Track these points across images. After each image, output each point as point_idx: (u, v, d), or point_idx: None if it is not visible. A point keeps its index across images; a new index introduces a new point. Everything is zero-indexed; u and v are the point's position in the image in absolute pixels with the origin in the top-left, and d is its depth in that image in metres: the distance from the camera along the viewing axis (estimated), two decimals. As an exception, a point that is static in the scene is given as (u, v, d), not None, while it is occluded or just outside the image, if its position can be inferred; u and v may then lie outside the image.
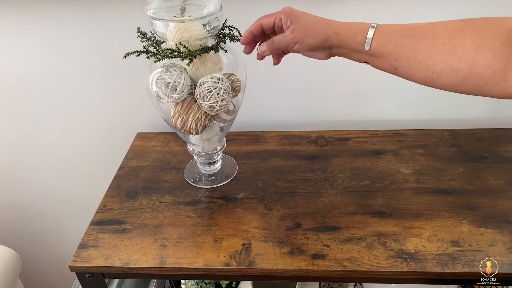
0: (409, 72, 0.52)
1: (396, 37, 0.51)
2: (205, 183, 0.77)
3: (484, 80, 0.47)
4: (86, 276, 0.64)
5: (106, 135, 0.99)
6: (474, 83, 0.48)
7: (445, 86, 0.51)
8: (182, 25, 0.57)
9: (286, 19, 0.56)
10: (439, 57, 0.49)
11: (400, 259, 0.60)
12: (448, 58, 0.48)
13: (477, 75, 0.47)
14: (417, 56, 0.50)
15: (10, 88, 0.92)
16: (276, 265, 0.60)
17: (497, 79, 0.47)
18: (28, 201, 1.13)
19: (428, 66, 0.50)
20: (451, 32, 0.49)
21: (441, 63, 0.49)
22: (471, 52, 0.47)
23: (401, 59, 0.52)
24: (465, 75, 0.48)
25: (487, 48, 0.47)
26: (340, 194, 0.73)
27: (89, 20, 0.82)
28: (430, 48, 0.50)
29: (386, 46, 0.52)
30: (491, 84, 0.47)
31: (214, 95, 0.60)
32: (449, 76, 0.49)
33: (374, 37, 0.52)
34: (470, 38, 0.48)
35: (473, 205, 0.69)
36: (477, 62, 0.47)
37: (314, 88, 0.90)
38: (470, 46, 0.47)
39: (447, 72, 0.49)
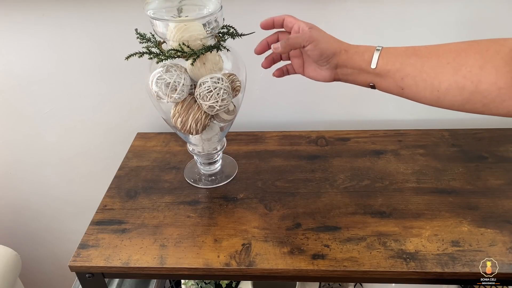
0: (415, 92, 0.53)
1: (401, 57, 0.53)
2: (205, 183, 0.77)
3: (490, 98, 0.48)
4: (86, 276, 0.64)
5: (106, 135, 0.99)
6: (481, 101, 0.49)
7: (452, 105, 0.51)
8: (182, 25, 0.57)
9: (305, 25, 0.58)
10: (444, 75, 0.50)
11: (400, 259, 0.60)
12: (453, 76, 0.49)
13: (483, 92, 0.48)
14: (422, 75, 0.51)
15: (10, 88, 0.92)
16: (276, 265, 0.60)
17: (503, 97, 0.47)
18: (28, 201, 1.13)
19: (434, 85, 0.51)
20: (455, 52, 0.50)
21: (446, 81, 0.50)
22: (475, 70, 0.48)
23: (407, 78, 0.53)
24: (471, 93, 0.49)
25: (490, 66, 0.47)
26: (340, 194, 0.73)
27: (89, 20, 0.82)
28: (435, 67, 0.51)
29: (392, 65, 0.53)
30: (497, 102, 0.48)
31: (214, 95, 0.60)
32: (455, 94, 0.50)
33: (380, 56, 0.54)
34: (473, 57, 0.49)
35: (473, 205, 0.69)
36: (482, 79, 0.48)
37: (314, 88, 0.90)
38: (474, 65, 0.48)
39: (453, 90, 0.50)
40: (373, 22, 0.81)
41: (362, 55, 0.55)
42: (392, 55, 0.54)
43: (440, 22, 0.80)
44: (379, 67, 0.54)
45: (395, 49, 0.54)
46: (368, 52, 0.55)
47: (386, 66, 0.54)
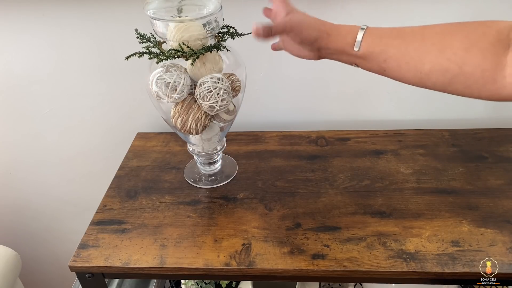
0: (397, 73, 0.53)
1: (385, 39, 0.52)
2: (205, 183, 0.77)
3: (473, 80, 0.48)
4: (86, 276, 0.64)
5: (106, 135, 0.99)
6: (463, 82, 0.48)
7: (434, 86, 0.51)
8: (182, 25, 0.57)
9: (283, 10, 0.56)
10: (428, 57, 0.49)
11: (400, 259, 0.60)
12: (437, 58, 0.49)
13: (466, 74, 0.48)
14: (405, 57, 0.51)
15: (10, 88, 0.92)
16: (276, 265, 0.60)
17: (486, 79, 0.47)
18: (28, 201, 1.13)
19: (417, 67, 0.50)
20: (441, 34, 0.50)
21: (429, 62, 0.49)
22: (460, 52, 0.48)
23: (389, 60, 0.52)
24: (454, 75, 0.48)
25: (476, 48, 0.47)
26: (340, 194, 0.73)
27: (89, 20, 0.82)
28: (419, 49, 0.50)
29: (375, 47, 0.52)
30: (480, 85, 0.48)
31: (214, 95, 0.60)
32: (438, 76, 0.49)
33: (364, 38, 0.53)
34: (459, 39, 0.48)
35: (473, 205, 0.69)
36: (467, 61, 0.47)
37: (314, 88, 0.90)
38: (459, 47, 0.48)
39: (436, 72, 0.49)
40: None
41: (345, 38, 0.54)
42: (376, 36, 0.53)
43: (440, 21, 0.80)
44: (362, 50, 0.53)
45: (379, 30, 0.53)
46: (352, 34, 0.54)
47: (368, 48, 0.53)
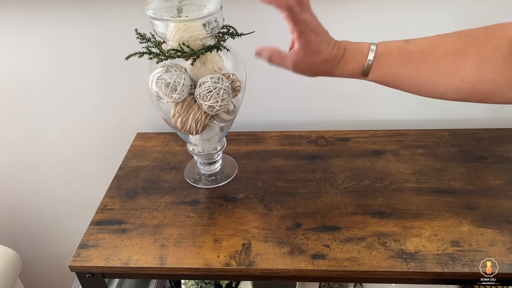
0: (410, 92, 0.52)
1: (395, 67, 0.50)
2: (205, 183, 0.77)
3: (487, 94, 0.47)
4: (86, 276, 0.64)
5: (106, 135, 0.99)
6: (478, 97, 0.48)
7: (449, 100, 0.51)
8: (182, 25, 0.57)
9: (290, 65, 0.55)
10: (440, 80, 0.48)
11: (400, 259, 0.60)
12: (450, 80, 0.48)
13: (481, 90, 0.47)
14: (417, 82, 0.50)
15: (10, 88, 0.92)
16: (276, 265, 0.60)
17: (502, 91, 0.46)
18: (28, 201, 1.13)
19: (429, 90, 0.50)
20: (452, 55, 0.48)
21: (442, 85, 0.49)
22: (473, 72, 0.47)
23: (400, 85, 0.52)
24: (469, 93, 0.48)
25: (489, 64, 0.46)
26: (340, 194, 0.73)
27: (89, 20, 0.82)
28: (430, 74, 0.49)
29: (384, 77, 0.52)
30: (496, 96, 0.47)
31: (214, 95, 0.60)
32: (451, 95, 0.49)
33: (372, 70, 0.51)
34: (471, 58, 0.47)
35: (473, 205, 0.69)
36: (480, 80, 0.46)
37: (314, 88, 0.90)
38: (472, 66, 0.47)
39: (449, 92, 0.49)
40: (373, 22, 0.81)
41: (351, 71, 0.53)
42: (385, 66, 0.51)
43: (441, 22, 0.80)
44: (370, 79, 0.53)
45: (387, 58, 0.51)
46: (358, 66, 0.52)
47: (377, 78, 0.52)
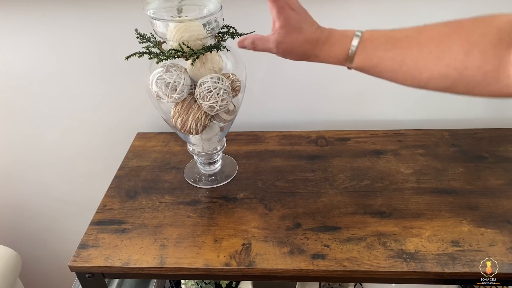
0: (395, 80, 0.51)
1: (380, 51, 0.49)
2: (205, 183, 0.77)
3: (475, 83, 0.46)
4: (86, 276, 0.64)
5: (106, 135, 0.99)
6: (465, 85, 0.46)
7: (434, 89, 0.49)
8: (182, 25, 0.57)
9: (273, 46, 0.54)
10: (425, 65, 0.47)
11: (400, 259, 0.60)
12: (435, 66, 0.47)
13: (467, 78, 0.46)
14: (402, 67, 0.49)
15: (10, 88, 0.92)
16: (276, 265, 0.60)
17: (489, 81, 0.45)
18: (28, 201, 1.13)
19: (414, 76, 0.48)
20: (438, 39, 0.47)
21: (428, 71, 0.47)
22: (460, 57, 0.45)
23: (385, 71, 0.50)
24: (455, 79, 0.46)
25: (477, 50, 0.45)
26: (340, 194, 0.73)
27: (89, 20, 0.82)
28: (416, 58, 0.48)
29: (369, 62, 0.50)
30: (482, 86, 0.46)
31: (214, 95, 0.60)
32: (437, 82, 0.48)
33: (357, 53, 0.50)
34: (458, 43, 0.46)
35: (473, 205, 0.69)
36: (467, 65, 0.45)
37: (314, 88, 0.90)
38: (458, 51, 0.45)
39: (435, 79, 0.47)
40: (373, 22, 0.80)
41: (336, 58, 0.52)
42: (370, 50, 0.50)
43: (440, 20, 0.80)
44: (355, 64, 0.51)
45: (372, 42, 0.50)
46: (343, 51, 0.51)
47: (363, 63, 0.51)
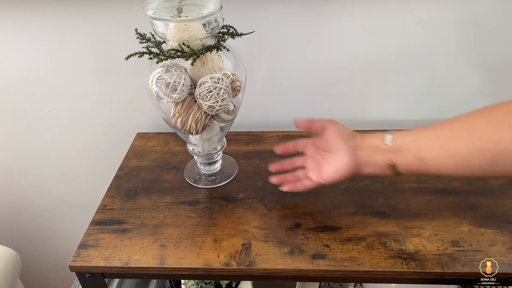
0: (436, 161, 0.53)
1: (413, 131, 0.56)
2: (205, 183, 0.77)
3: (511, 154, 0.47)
4: (86, 276, 0.64)
5: (106, 135, 0.99)
6: (507, 160, 0.47)
7: (480, 170, 0.50)
8: (182, 25, 0.57)
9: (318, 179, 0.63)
10: (460, 139, 0.50)
11: (400, 259, 0.60)
12: (470, 139, 0.49)
13: (506, 151, 0.47)
14: (439, 142, 0.52)
15: (10, 88, 0.92)
16: (276, 265, 0.60)
17: None
18: (28, 201, 1.13)
19: (452, 150, 0.50)
20: (463, 119, 0.51)
21: (464, 145, 0.49)
22: (489, 131, 0.48)
23: (424, 148, 0.53)
24: (494, 153, 0.48)
25: (503, 124, 0.47)
26: (340, 194, 0.73)
27: (89, 20, 0.82)
28: (448, 134, 0.52)
29: (405, 137, 0.56)
30: None
31: (214, 95, 0.60)
32: (477, 157, 0.49)
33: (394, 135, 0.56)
34: (483, 119, 0.49)
35: (473, 205, 0.69)
36: (499, 139, 0.47)
37: (314, 88, 0.90)
38: (486, 127, 0.48)
39: (474, 153, 0.49)
40: (373, 22, 0.81)
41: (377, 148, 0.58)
42: (403, 132, 0.56)
43: (440, 22, 0.80)
44: (394, 142, 0.56)
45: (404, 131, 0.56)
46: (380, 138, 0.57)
47: (400, 138, 0.55)
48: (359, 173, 0.59)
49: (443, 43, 0.82)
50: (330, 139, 0.61)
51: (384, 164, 0.57)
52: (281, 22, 0.81)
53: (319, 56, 0.85)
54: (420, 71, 0.86)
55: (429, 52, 0.83)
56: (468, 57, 0.84)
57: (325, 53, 0.85)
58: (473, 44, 0.82)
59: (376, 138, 0.58)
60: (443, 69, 0.85)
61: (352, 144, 0.59)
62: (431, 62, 0.85)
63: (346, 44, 0.83)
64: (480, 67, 0.85)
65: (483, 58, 0.84)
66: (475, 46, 0.83)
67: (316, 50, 0.84)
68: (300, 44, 0.83)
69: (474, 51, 0.83)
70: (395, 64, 0.85)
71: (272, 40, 0.83)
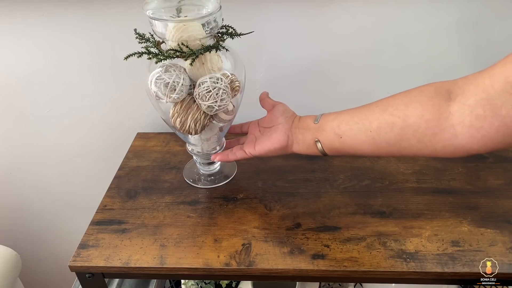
0: (351, 136, 0.57)
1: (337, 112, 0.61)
2: (204, 183, 0.77)
3: (421, 131, 0.51)
4: (86, 276, 0.64)
5: (106, 135, 0.99)
6: (413, 135, 0.52)
7: (388, 143, 0.54)
8: (181, 25, 0.57)
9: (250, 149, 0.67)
10: (373, 116, 0.55)
11: (400, 259, 0.60)
12: (381, 115, 0.54)
13: (412, 125, 0.51)
14: (354, 118, 0.57)
15: (10, 88, 0.92)
16: (276, 265, 0.60)
17: (433, 129, 0.50)
18: (28, 201, 1.13)
19: (365, 125, 0.55)
20: (382, 99, 0.56)
21: (376, 120, 0.55)
22: (401, 107, 0.53)
23: (342, 124, 0.58)
24: (401, 128, 0.52)
25: (415, 101, 0.52)
26: (340, 194, 0.73)
27: (89, 20, 0.82)
28: (365, 112, 0.57)
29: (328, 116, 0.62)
30: (430, 136, 0.50)
31: (213, 95, 0.60)
32: (386, 131, 0.54)
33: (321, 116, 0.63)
34: (398, 98, 0.54)
35: (473, 205, 0.69)
36: (408, 114, 0.52)
37: (314, 88, 0.90)
38: (399, 103, 0.53)
39: (384, 127, 0.54)
40: (372, 22, 0.80)
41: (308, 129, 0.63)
42: (332, 112, 0.62)
43: (440, 22, 0.80)
44: (320, 121, 0.61)
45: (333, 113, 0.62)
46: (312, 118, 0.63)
47: (325, 117, 0.61)
48: (289, 151, 0.65)
49: (443, 43, 0.82)
50: (273, 115, 0.66)
51: (311, 142, 0.62)
52: (281, 22, 0.81)
53: (318, 56, 0.85)
54: (420, 71, 0.86)
55: (429, 52, 0.83)
56: (468, 56, 0.84)
57: (325, 53, 0.84)
58: (473, 43, 0.82)
59: (310, 118, 0.63)
60: (443, 69, 0.85)
61: (290, 122, 0.65)
62: (431, 62, 0.85)
63: (345, 44, 0.83)
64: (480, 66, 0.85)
65: (483, 58, 0.84)
66: (475, 45, 0.83)
67: (315, 50, 0.84)
68: (300, 44, 0.83)
69: (474, 50, 0.83)
70: (395, 64, 0.85)
71: (272, 40, 0.83)
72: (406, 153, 0.54)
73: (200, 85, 0.61)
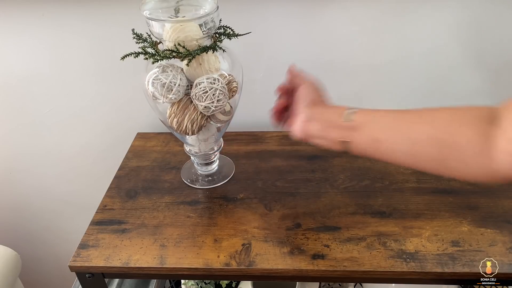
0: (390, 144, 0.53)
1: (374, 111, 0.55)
2: (202, 183, 0.77)
3: (461, 151, 0.48)
4: (86, 276, 0.64)
5: (106, 135, 0.99)
6: (454, 155, 0.48)
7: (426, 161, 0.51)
8: (178, 25, 0.57)
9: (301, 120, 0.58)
10: (419, 127, 0.51)
11: (400, 259, 0.60)
12: (429, 128, 0.50)
13: (454, 145, 0.48)
14: (396, 126, 0.53)
15: (10, 88, 0.92)
16: (276, 265, 0.60)
17: (474, 150, 0.47)
18: (28, 201, 1.13)
19: (409, 135, 0.51)
20: (427, 110, 0.52)
21: (423, 133, 0.50)
22: (446, 123, 0.49)
23: (381, 128, 0.53)
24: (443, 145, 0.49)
25: (462, 120, 0.48)
26: (340, 194, 0.73)
27: (89, 20, 0.82)
28: (407, 119, 0.52)
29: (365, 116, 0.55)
30: (470, 157, 0.48)
31: (210, 95, 0.60)
32: (427, 146, 0.50)
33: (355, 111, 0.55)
34: (445, 112, 0.50)
35: (473, 205, 0.69)
36: (453, 132, 0.48)
37: (314, 88, 0.90)
38: (445, 118, 0.50)
39: (430, 143, 0.50)
40: (372, 22, 0.80)
41: None
42: (363, 110, 0.55)
43: (440, 22, 0.80)
44: (356, 121, 0.54)
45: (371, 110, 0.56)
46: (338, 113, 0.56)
47: (360, 117, 0.54)
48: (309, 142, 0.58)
49: (443, 43, 0.82)
50: (295, 99, 0.60)
51: (337, 141, 0.56)
52: (279, 22, 0.81)
53: (318, 56, 0.85)
54: (420, 71, 0.86)
55: (429, 52, 0.83)
56: (468, 57, 0.84)
57: (324, 54, 0.84)
58: (473, 44, 0.82)
59: (334, 113, 0.56)
60: (443, 69, 0.85)
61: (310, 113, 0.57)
62: (431, 62, 0.84)
63: (345, 44, 0.83)
64: (480, 67, 0.85)
65: (483, 58, 0.84)
66: (475, 46, 0.82)
67: (315, 50, 0.84)
68: (299, 44, 0.83)
69: (474, 51, 0.83)
70: (395, 65, 0.85)
71: (271, 40, 0.83)
72: (442, 170, 0.51)
73: (197, 86, 0.60)
